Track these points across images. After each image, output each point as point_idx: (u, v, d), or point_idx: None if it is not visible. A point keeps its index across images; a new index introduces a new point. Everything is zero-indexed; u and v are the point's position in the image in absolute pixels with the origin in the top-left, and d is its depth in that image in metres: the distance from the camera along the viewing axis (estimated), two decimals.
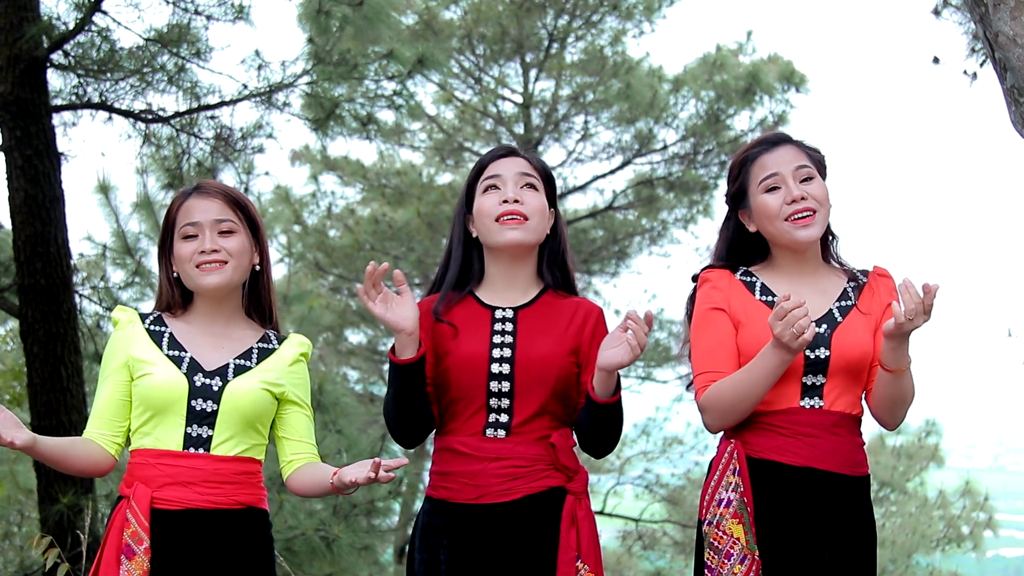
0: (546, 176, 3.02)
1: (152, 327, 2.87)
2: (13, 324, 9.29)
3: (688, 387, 3.01)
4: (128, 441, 2.87)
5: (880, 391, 2.85)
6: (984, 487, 16.32)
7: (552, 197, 3.03)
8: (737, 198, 3.02)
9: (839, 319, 2.91)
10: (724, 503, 2.83)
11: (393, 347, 2.83)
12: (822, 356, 2.85)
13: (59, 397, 6.22)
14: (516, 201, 2.90)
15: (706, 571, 2.83)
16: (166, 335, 2.86)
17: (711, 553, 2.82)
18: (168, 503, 2.75)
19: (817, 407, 2.86)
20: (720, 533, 2.81)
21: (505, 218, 2.90)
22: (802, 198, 2.91)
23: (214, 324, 2.89)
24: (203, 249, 2.81)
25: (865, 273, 3.02)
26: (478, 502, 2.82)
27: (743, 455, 2.84)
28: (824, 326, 2.89)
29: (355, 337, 16.22)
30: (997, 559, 26.05)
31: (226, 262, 2.83)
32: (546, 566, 2.80)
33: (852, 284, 2.98)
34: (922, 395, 3.03)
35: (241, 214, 2.89)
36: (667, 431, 16.30)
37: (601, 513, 15.05)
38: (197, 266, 2.82)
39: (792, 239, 2.92)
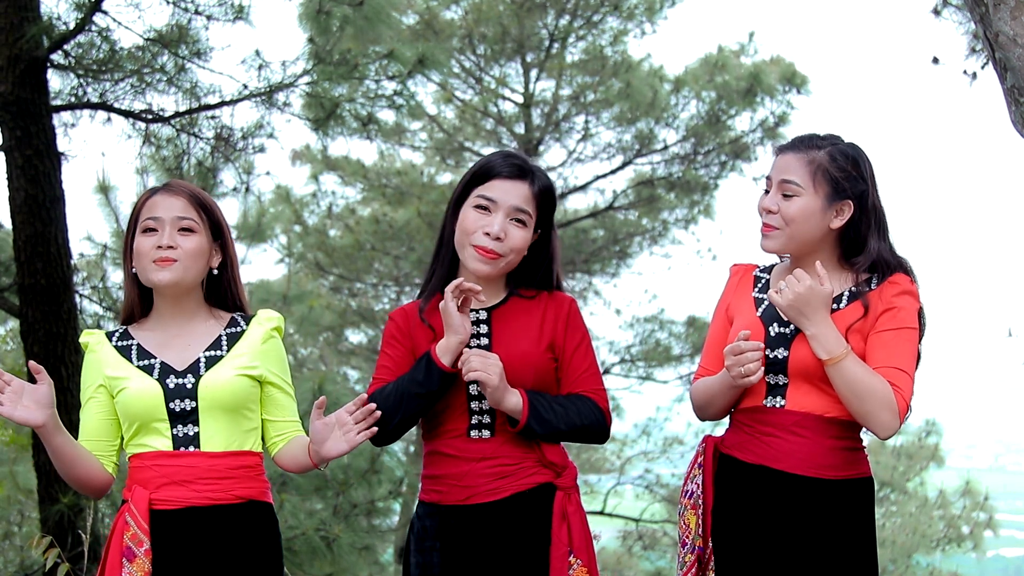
0: (543, 201, 2.93)
1: (119, 343, 2.87)
2: (13, 324, 9.29)
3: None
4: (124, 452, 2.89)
5: (835, 388, 2.80)
6: (984, 487, 16.32)
7: (545, 217, 2.96)
8: None
9: None
10: (688, 495, 2.95)
11: (434, 349, 2.81)
12: (780, 356, 2.86)
13: (59, 397, 6.10)
14: (498, 239, 2.85)
15: (677, 559, 2.98)
16: (134, 347, 2.86)
17: (678, 542, 2.97)
18: (167, 503, 2.75)
19: (779, 406, 2.87)
20: (682, 523, 2.95)
21: (482, 248, 2.86)
22: (768, 211, 2.90)
23: (177, 324, 2.88)
24: (160, 244, 2.81)
25: (881, 279, 2.89)
26: (468, 503, 2.83)
27: (710, 450, 2.95)
28: (791, 327, 2.87)
29: (355, 337, 16.23)
30: (997, 559, 26.06)
31: (176, 260, 2.81)
32: (539, 563, 2.81)
33: (853, 289, 2.89)
34: (922, 395, 3.00)
35: (204, 215, 2.88)
36: (667, 431, 16.31)
37: (601, 513, 15.06)
38: (153, 260, 2.81)
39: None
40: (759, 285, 3.02)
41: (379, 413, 2.76)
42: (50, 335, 6.22)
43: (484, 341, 2.89)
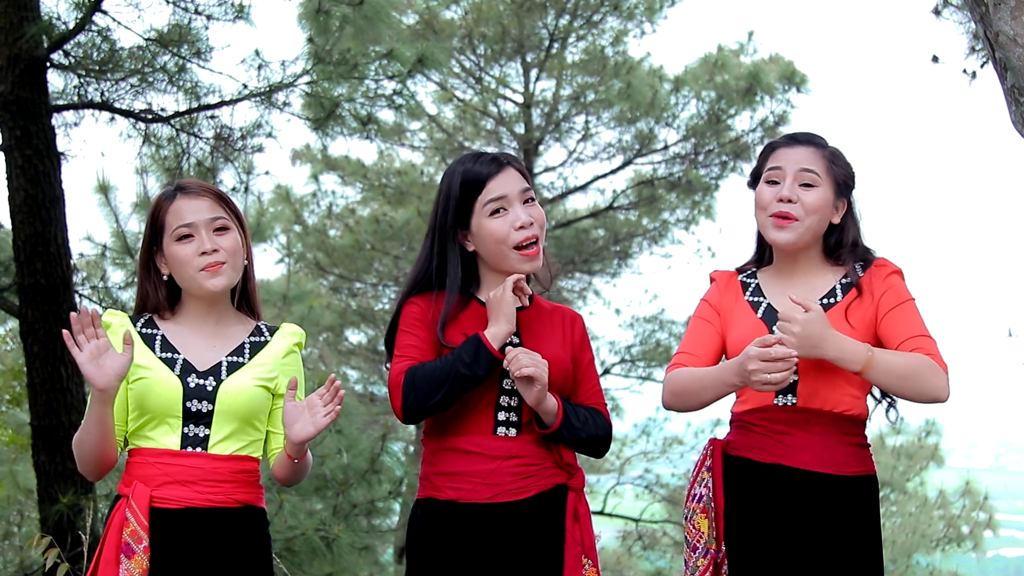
0: (525, 172, 2.98)
1: (144, 330, 2.86)
2: (13, 324, 9.29)
3: None
4: (125, 442, 2.87)
5: (882, 386, 2.82)
6: (984, 487, 16.31)
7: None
8: (754, 180, 3.06)
9: None
10: (697, 498, 2.92)
11: (483, 334, 2.80)
12: None
13: (59, 397, 6.22)
14: (531, 224, 2.88)
15: (684, 564, 2.94)
16: (158, 338, 2.86)
17: (685, 547, 2.94)
18: (167, 502, 2.75)
19: (790, 404, 2.87)
20: (691, 527, 2.92)
21: (525, 246, 2.88)
22: (789, 200, 2.90)
23: (205, 323, 2.89)
24: (204, 250, 2.81)
25: (867, 266, 2.97)
26: (493, 501, 2.82)
27: (718, 452, 2.93)
28: None
29: (355, 337, 16.23)
30: (997, 559, 26.05)
31: (224, 262, 2.83)
32: (554, 563, 2.83)
33: (845, 280, 2.95)
34: None
35: (229, 210, 2.89)
36: (667, 431, 16.31)
37: (601, 513, 15.06)
38: (201, 269, 2.81)
39: (768, 236, 2.96)
40: (749, 290, 3.03)
41: (343, 393, 2.75)
42: (50, 335, 6.22)
43: (516, 340, 2.89)
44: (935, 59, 6.31)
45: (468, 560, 2.82)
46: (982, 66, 5.88)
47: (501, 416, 2.87)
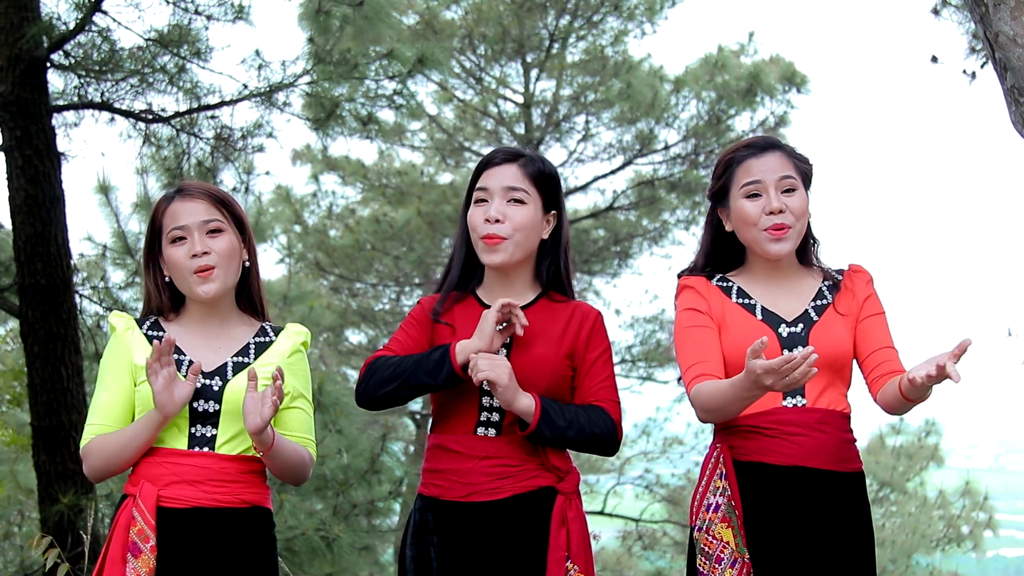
0: (541, 182, 2.94)
1: (149, 332, 2.87)
2: (13, 324, 9.30)
3: (678, 380, 3.01)
4: None
5: (896, 403, 2.82)
6: (984, 487, 16.30)
7: (553, 200, 2.97)
8: (718, 196, 3.02)
9: (815, 318, 2.93)
10: (712, 508, 2.85)
11: (454, 346, 2.81)
12: None
13: (59, 397, 6.21)
14: (498, 221, 2.87)
15: None
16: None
17: (702, 559, 2.83)
18: (174, 501, 2.75)
19: (800, 405, 2.86)
20: (710, 538, 2.83)
21: (485, 236, 2.89)
22: (780, 211, 2.90)
23: (209, 325, 2.90)
24: (195, 252, 2.81)
25: (841, 272, 3.04)
26: (468, 500, 2.83)
27: (729, 459, 2.86)
28: (800, 325, 2.91)
29: (355, 337, 16.24)
30: (997, 559, 26.06)
31: (214, 266, 2.83)
32: (536, 565, 2.80)
33: (828, 283, 3.00)
34: None
35: (227, 212, 2.89)
36: (667, 431, 16.31)
37: (601, 513, 15.06)
38: (193, 272, 2.82)
39: (764, 251, 2.94)
40: (732, 293, 3.00)
41: (280, 383, 2.70)
42: (50, 335, 6.22)
43: (505, 339, 2.88)
44: (935, 59, 6.32)
45: (446, 557, 2.83)
46: (982, 66, 5.89)
47: (483, 416, 2.87)
